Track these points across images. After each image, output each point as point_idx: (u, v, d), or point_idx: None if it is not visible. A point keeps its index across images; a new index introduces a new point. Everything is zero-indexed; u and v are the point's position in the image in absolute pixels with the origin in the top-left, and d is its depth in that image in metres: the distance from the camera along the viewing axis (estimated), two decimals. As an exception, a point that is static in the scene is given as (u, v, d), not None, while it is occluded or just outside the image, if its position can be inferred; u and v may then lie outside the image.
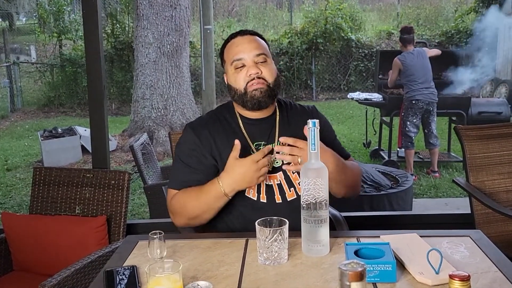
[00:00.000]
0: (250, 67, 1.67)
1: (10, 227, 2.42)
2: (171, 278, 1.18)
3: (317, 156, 1.44)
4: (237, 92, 1.69)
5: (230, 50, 1.72)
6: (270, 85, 1.68)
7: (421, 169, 5.84)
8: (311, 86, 11.05)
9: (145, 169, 3.72)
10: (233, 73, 1.70)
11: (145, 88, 7.57)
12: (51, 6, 12.07)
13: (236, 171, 1.55)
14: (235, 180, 1.56)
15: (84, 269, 1.97)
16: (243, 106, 1.71)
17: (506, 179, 2.48)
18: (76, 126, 7.31)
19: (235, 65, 1.69)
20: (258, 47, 1.70)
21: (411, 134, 5.50)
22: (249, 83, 1.67)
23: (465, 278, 1.01)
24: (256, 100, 1.67)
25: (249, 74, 1.66)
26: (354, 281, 0.98)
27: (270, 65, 1.71)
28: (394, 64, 5.57)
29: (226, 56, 1.74)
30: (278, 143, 1.72)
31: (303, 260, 1.43)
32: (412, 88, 5.40)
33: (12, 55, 11.91)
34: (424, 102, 5.40)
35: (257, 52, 1.68)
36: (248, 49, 1.68)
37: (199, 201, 1.62)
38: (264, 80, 1.67)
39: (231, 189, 1.58)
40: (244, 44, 1.70)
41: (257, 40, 1.73)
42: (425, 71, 5.42)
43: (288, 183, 1.70)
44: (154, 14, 7.43)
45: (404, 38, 5.53)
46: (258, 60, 1.68)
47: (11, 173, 6.46)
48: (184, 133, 1.77)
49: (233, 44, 1.72)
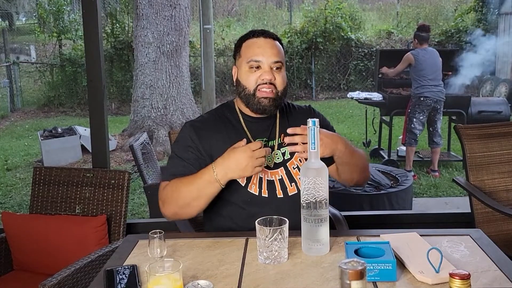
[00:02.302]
0: (265, 72, 1.69)
1: (10, 227, 2.42)
2: (171, 277, 1.18)
3: (317, 155, 1.44)
4: (245, 91, 1.71)
5: (250, 49, 1.72)
6: (279, 94, 1.71)
7: (421, 168, 5.84)
8: (310, 85, 11.04)
9: (145, 169, 3.72)
10: (247, 71, 1.71)
11: (144, 88, 7.56)
12: (51, 6, 12.05)
13: (231, 156, 1.55)
14: (228, 165, 1.54)
15: (84, 268, 1.97)
16: (247, 106, 1.73)
17: (506, 178, 2.48)
18: (76, 126, 7.30)
19: (250, 65, 1.70)
20: (277, 54, 1.71)
21: (416, 131, 5.50)
22: (260, 87, 1.68)
23: (465, 277, 1.01)
24: (262, 107, 1.70)
25: (263, 78, 1.68)
26: (354, 279, 0.98)
27: (283, 73, 1.74)
28: (405, 58, 5.55)
29: (243, 52, 1.74)
30: (279, 140, 1.75)
31: (303, 259, 1.43)
32: (421, 84, 5.38)
33: (12, 55, 11.91)
34: (432, 100, 5.39)
35: (275, 59, 1.70)
36: (269, 54, 1.70)
37: (191, 186, 1.59)
38: (274, 88, 1.69)
39: (224, 174, 1.55)
40: (266, 47, 1.71)
41: (278, 46, 1.75)
42: (436, 69, 5.41)
43: (289, 178, 1.73)
44: (154, 14, 7.43)
45: (422, 36, 5.50)
46: (274, 67, 1.70)
47: (11, 173, 6.45)
48: (182, 130, 1.78)
49: (255, 43, 1.73)
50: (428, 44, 5.59)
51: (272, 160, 1.73)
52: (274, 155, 1.74)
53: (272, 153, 1.74)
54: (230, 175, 1.56)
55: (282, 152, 1.76)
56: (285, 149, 1.75)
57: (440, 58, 5.48)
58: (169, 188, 1.65)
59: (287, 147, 1.68)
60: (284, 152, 1.76)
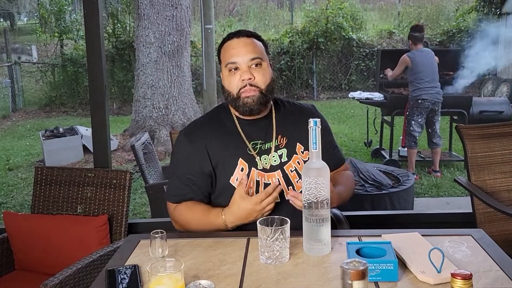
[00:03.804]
0: (243, 72, 1.67)
1: (12, 227, 2.42)
2: (172, 277, 1.18)
3: (318, 155, 1.44)
4: (230, 95, 1.70)
5: (226, 52, 1.71)
6: (263, 91, 1.68)
7: (423, 168, 5.84)
8: (312, 85, 11.04)
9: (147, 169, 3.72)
10: (227, 76, 1.70)
11: (146, 88, 7.57)
12: (52, 6, 12.07)
13: (241, 209, 1.59)
14: (238, 218, 1.61)
15: (86, 268, 1.97)
16: (236, 109, 1.73)
17: (508, 178, 2.48)
18: (77, 126, 7.31)
19: (229, 68, 1.69)
20: (253, 50, 1.69)
21: (415, 133, 5.49)
22: (242, 89, 1.67)
23: (467, 277, 1.01)
24: (248, 107, 1.68)
25: (242, 80, 1.67)
26: (356, 279, 0.98)
27: (265, 69, 1.70)
28: (402, 60, 5.54)
29: (222, 57, 1.74)
30: (276, 142, 1.74)
31: (305, 259, 1.43)
32: (418, 87, 5.37)
33: (13, 55, 11.90)
34: (430, 102, 5.38)
35: (251, 56, 1.67)
36: (243, 53, 1.67)
37: (201, 225, 1.67)
38: (256, 87, 1.67)
39: (232, 222, 1.63)
40: (240, 47, 1.69)
41: (253, 42, 1.71)
42: (433, 70, 5.40)
43: (286, 182, 1.72)
44: (155, 14, 7.43)
45: (415, 36, 5.50)
46: (253, 64, 1.68)
47: (12, 173, 6.46)
48: (177, 142, 1.79)
49: (229, 46, 1.71)
50: (423, 44, 5.57)
51: (268, 163, 1.72)
52: (270, 157, 1.72)
53: (269, 156, 1.72)
54: (239, 223, 1.63)
55: (279, 155, 1.74)
56: (282, 151, 1.74)
57: (436, 58, 5.47)
58: (180, 218, 1.73)
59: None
60: (281, 154, 1.74)
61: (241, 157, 1.70)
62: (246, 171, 1.70)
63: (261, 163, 1.71)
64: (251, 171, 1.70)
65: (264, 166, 1.71)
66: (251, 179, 1.69)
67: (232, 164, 1.70)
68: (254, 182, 1.70)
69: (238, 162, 1.70)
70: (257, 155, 1.72)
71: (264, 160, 1.72)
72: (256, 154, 1.72)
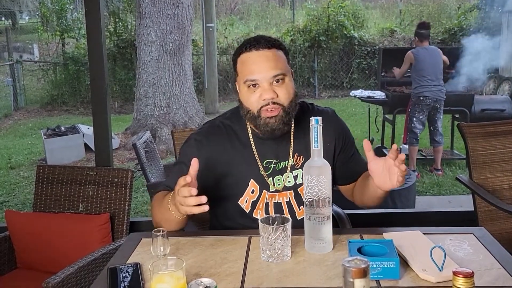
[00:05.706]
0: (265, 91, 1.51)
1: (14, 225, 2.43)
2: (174, 275, 1.18)
3: (320, 154, 1.44)
4: (249, 113, 1.55)
5: (244, 67, 1.55)
6: (286, 109, 1.53)
7: (424, 166, 5.83)
8: (313, 84, 11.03)
9: (148, 167, 3.72)
10: (246, 92, 1.54)
11: (147, 86, 7.57)
12: (54, 4, 12.09)
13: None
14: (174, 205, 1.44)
15: (88, 266, 1.97)
16: (255, 128, 1.58)
17: (509, 176, 2.48)
18: (79, 125, 7.32)
19: (248, 85, 1.53)
20: (275, 66, 1.52)
21: (416, 130, 5.49)
22: (263, 108, 1.52)
23: (469, 275, 1.01)
24: (270, 128, 1.53)
25: (264, 99, 1.51)
26: (357, 277, 0.98)
27: (288, 84, 1.54)
28: (407, 57, 5.55)
29: (239, 70, 1.57)
30: (292, 161, 1.63)
31: (306, 257, 1.43)
32: (421, 84, 5.37)
33: (15, 54, 11.91)
34: (432, 99, 5.38)
35: (274, 73, 1.51)
36: (265, 70, 1.51)
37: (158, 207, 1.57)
38: (279, 105, 1.52)
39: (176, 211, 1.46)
40: (260, 62, 1.52)
41: (275, 56, 1.54)
42: (436, 68, 5.39)
43: (298, 202, 1.64)
44: (157, 12, 7.43)
45: (421, 33, 5.50)
46: (274, 81, 1.52)
47: (14, 171, 6.47)
48: (186, 145, 1.67)
49: (248, 60, 1.54)
50: (429, 41, 5.58)
51: (282, 183, 1.61)
52: (285, 177, 1.61)
53: (283, 176, 1.62)
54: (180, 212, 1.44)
55: (294, 175, 1.63)
56: (298, 172, 1.62)
57: (441, 57, 5.46)
58: (152, 202, 1.63)
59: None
60: (296, 175, 1.63)
61: (253, 178, 1.60)
62: (257, 194, 1.61)
63: (273, 186, 1.61)
64: (262, 194, 1.61)
65: (277, 188, 1.61)
66: (260, 201, 1.59)
67: (242, 184, 1.61)
68: (264, 204, 1.61)
69: (249, 183, 1.61)
70: (271, 175, 1.61)
71: (278, 181, 1.62)
72: (269, 175, 1.61)
